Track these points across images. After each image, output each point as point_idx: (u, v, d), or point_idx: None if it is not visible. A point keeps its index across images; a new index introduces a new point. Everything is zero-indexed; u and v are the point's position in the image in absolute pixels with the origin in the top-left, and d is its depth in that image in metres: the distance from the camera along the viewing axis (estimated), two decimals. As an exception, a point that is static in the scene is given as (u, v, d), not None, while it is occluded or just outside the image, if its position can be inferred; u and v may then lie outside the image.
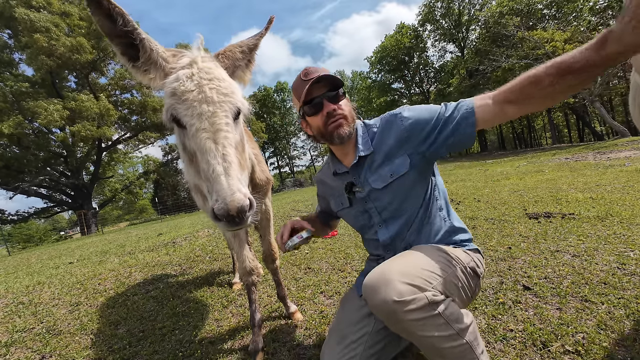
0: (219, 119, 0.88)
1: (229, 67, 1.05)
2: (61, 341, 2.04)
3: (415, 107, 1.12)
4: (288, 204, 7.40)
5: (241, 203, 0.80)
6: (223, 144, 0.87)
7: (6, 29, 19.09)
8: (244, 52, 1.08)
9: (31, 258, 7.15)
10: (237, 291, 2.50)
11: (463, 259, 1.07)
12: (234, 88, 0.96)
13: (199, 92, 0.88)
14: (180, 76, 0.91)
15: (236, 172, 0.86)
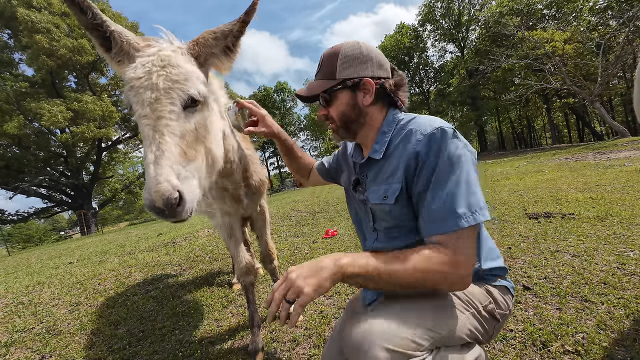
0: (162, 106, 0.86)
1: (200, 54, 1.01)
2: (61, 341, 2.04)
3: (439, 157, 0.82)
4: (288, 204, 7.40)
5: (166, 194, 0.76)
6: (162, 132, 0.84)
7: (6, 29, 19.10)
8: (218, 38, 1.02)
9: (31, 258, 7.15)
10: (237, 291, 2.50)
11: (478, 301, 0.89)
12: (191, 75, 0.93)
13: (146, 79, 0.88)
14: (137, 64, 0.91)
15: (170, 161, 0.82)
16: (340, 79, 0.96)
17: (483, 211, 0.79)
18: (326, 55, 1.00)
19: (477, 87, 27.59)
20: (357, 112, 0.99)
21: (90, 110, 18.55)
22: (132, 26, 22.58)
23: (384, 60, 0.99)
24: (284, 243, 3.76)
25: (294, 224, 4.98)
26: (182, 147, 0.88)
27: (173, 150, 0.84)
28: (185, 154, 0.88)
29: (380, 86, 0.96)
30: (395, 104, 1.01)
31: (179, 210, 0.81)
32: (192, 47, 1.01)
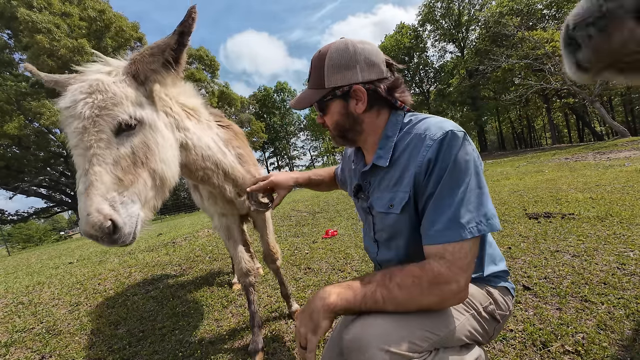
0: (89, 136, 0.86)
1: (139, 72, 0.98)
2: (61, 341, 2.04)
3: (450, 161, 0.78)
4: (288, 204, 7.40)
5: (97, 224, 0.78)
6: (91, 161, 0.84)
7: (6, 29, 19.12)
8: (154, 54, 0.99)
9: (31, 258, 7.15)
10: (237, 291, 2.50)
11: (478, 302, 0.88)
12: (120, 99, 0.91)
13: (73, 109, 0.87)
14: (66, 93, 0.91)
15: (100, 191, 0.82)
16: (329, 89, 0.91)
17: (490, 222, 0.76)
18: (314, 62, 0.94)
19: (477, 87, 27.59)
20: (352, 121, 0.94)
21: (90, 109, 18.59)
22: (132, 26, 22.60)
23: (376, 58, 0.90)
24: (284, 243, 3.76)
25: (294, 224, 4.98)
26: (117, 174, 0.87)
27: (104, 179, 0.84)
28: (121, 180, 0.88)
29: (370, 92, 0.89)
30: (395, 105, 0.94)
31: (115, 238, 0.82)
32: (129, 66, 0.99)
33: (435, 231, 0.77)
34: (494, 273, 0.94)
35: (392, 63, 0.94)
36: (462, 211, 0.75)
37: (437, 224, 0.77)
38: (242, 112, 33.77)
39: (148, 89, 1.02)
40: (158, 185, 1.00)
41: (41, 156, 20.39)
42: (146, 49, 1.01)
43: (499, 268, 0.95)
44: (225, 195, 1.48)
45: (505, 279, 0.97)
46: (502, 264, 0.98)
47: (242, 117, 32.52)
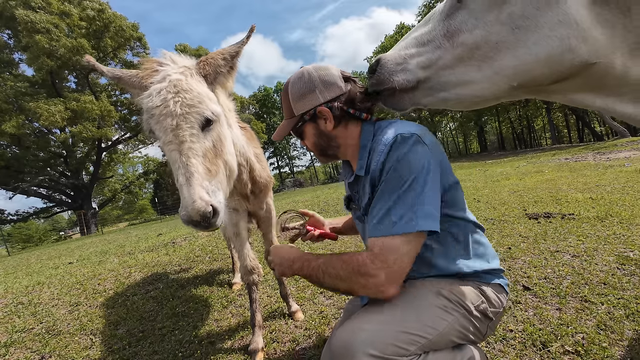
0: (183, 131, 0.94)
1: (209, 74, 1.08)
2: (61, 341, 2.04)
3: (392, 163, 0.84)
4: (288, 204, 7.40)
5: (202, 210, 0.87)
6: (187, 154, 0.92)
7: (6, 29, 19.10)
8: (226, 59, 1.11)
9: (31, 258, 7.14)
10: (237, 291, 2.50)
11: (469, 300, 0.87)
12: (203, 97, 1.00)
13: (165, 107, 0.94)
14: (151, 92, 0.97)
15: (199, 180, 0.91)
16: (298, 116, 1.01)
17: (422, 221, 0.78)
18: (282, 96, 1.06)
19: (477, 87, 27.56)
20: (326, 139, 1.03)
21: (88, 110, 18.57)
22: (132, 26, 22.59)
23: (330, 77, 0.98)
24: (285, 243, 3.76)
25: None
26: (206, 165, 0.96)
27: (200, 169, 0.93)
28: (210, 170, 0.97)
29: (333, 109, 0.97)
30: (360, 117, 1.00)
31: (213, 221, 0.91)
32: (203, 67, 1.08)
33: (372, 225, 0.84)
34: (486, 270, 0.95)
35: (350, 77, 1.02)
36: (397, 208, 0.80)
37: (374, 219, 0.83)
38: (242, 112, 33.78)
39: (214, 90, 1.11)
40: (228, 175, 1.11)
41: (41, 156, 20.38)
42: (218, 53, 1.12)
43: (491, 266, 0.96)
44: (243, 190, 1.57)
45: (498, 276, 0.98)
46: (496, 262, 0.99)
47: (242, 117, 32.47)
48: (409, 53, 0.78)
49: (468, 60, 0.71)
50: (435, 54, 0.74)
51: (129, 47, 23.53)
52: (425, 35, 0.77)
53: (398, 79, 0.77)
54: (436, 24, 0.76)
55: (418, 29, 0.81)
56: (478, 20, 0.68)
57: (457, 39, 0.71)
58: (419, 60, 0.76)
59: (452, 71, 0.73)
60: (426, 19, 0.81)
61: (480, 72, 0.70)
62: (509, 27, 0.65)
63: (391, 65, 0.79)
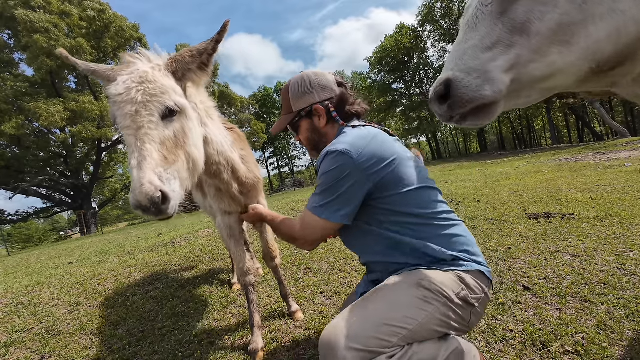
0: (141, 118, 0.97)
1: (177, 70, 1.12)
2: (61, 341, 2.04)
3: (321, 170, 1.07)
4: (288, 204, 7.40)
5: (150, 194, 0.87)
6: (143, 139, 0.95)
7: (6, 29, 19.09)
8: (194, 55, 1.14)
9: (31, 258, 7.14)
10: (237, 291, 2.50)
11: (449, 289, 0.92)
12: (167, 89, 1.04)
13: (127, 95, 0.98)
14: (118, 81, 1.02)
15: (151, 165, 0.92)
16: (296, 112, 1.19)
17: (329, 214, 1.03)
18: (282, 95, 1.24)
19: (477, 87, 27.56)
20: (318, 134, 1.21)
21: (88, 110, 18.55)
22: (132, 27, 22.58)
23: (326, 81, 1.19)
24: (284, 243, 3.76)
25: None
26: (163, 153, 0.98)
27: (154, 155, 0.94)
28: (166, 158, 0.99)
29: (327, 108, 1.17)
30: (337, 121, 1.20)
31: (163, 208, 0.91)
32: (170, 63, 1.12)
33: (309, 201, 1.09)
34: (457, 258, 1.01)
35: (342, 82, 1.23)
36: (318, 199, 1.05)
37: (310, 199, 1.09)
38: (242, 112, 33.76)
39: (183, 86, 1.15)
40: (191, 168, 1.13)
41: (41, 156, 20.36)
42: (186, 51, 1.16)
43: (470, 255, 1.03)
44: (230, 191, 1.59)
45: (479, 263, 1.02)
46: (476, 249, 1.07)
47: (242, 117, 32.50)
48: (479, 62, 0.70)
49: (547, 49, 0.66)
50: (511, 53, 0.68)
51: (129, 48, 23.51)
52: (486, 39, 0.70)
53: (488, 92, 0.68)
54: (492, 24, 0.70)
55: (468, 40, 0.73)
56: (546, 5, 0.65)
57: (530, 30, 0.66)
58: (498, 65, 0.68)
59: (536, 65, 0.68)
60: (468, 26, 0.74)
61: (562, 58, 0.66)
62: (577, 5, 0.63)
63: (468, 81, 0.69)
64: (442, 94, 0.72)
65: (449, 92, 0.70)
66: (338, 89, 1.19)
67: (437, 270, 0.97)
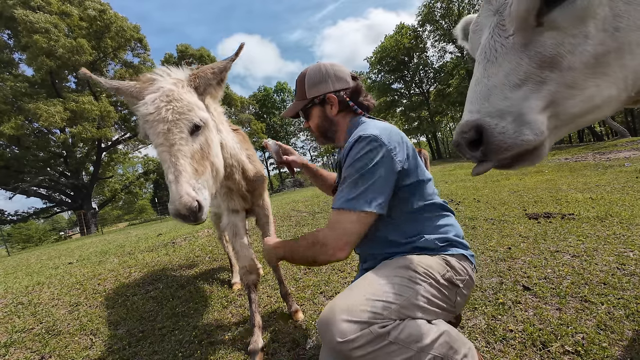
0: (173, 135, 1.06)
1: (199, 85, 1.21)
2: (61, 341, 2.04)
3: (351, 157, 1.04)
4: (288, 204, 7.40)
5: (188, 204, 0.99)
6: (176, 155, 1.04)
7: (6, 29, 19.07)
8: (215, 73, 1.23)
9: (30, 258, 7.14)
10: (237, 291, 2.50)
11: (435, 271, 1.01)
12: (192, 106, 1.12)
13: (157, 114, 1.06)
14: (147, 100, 1.09)
15: (186, 178, 1.03)
16: (309, 98, 1.23)
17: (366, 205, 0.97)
18: (297, 81, 1.28)
19: (476, 87, 27.53)
20: (329, 122, 1.25)
21: (87, 110, 18.53)
22: (133, 27, 22.58)
23: (342, 73, 1.23)
24: (284, 243, 3.76)
25: (294, 224, 4.97)
26: (194, 165, 1.08)
27: (187, 169, 1.04)
28: (196, 170, 1.09)
29: (340, 97, 1.20)
30: (355, 111, 1.24)
31: (199, 215, 1.03)
32: (193, 79, 1.20)
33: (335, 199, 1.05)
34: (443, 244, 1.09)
35: (356, 76, 1.27)
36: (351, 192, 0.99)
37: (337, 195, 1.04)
38: (242, 112, 33.77)
39: (204, 99, 1.24)
40: (214, 175, 1.22)
41: (41, 156, 20.35)
42: (207, 68, 1.25)
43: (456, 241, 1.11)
44: (240, 190, 1.68)
45: (463, 247, 1.11)
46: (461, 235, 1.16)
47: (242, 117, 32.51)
48: (511, 103, 0.63)
49: (583, 83, 0.60)
50: (544, 90, 0.62)
51: (130, 48, 23.52)
52: (512, 75, 0.63)
53: (529, 137, 0.61)
54: (516, 58, 0.63)
55: (490, 76, 0.66)
56: (575, 36, 0.58)
57: (561, 65, 0.60)
58: (532, 105, 0.62)
59: (573, 102, 0.62)
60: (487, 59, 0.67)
61: (600, 92, 0.61)
62: (610, 33, 0.57)
63: (503, 126, 0.62)
64: (474, 139, 0.65)
65: (481, 137, 0.64)
66: (352, 82, 1.24)
67: (425, 255, 1.06)
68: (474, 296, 1.78)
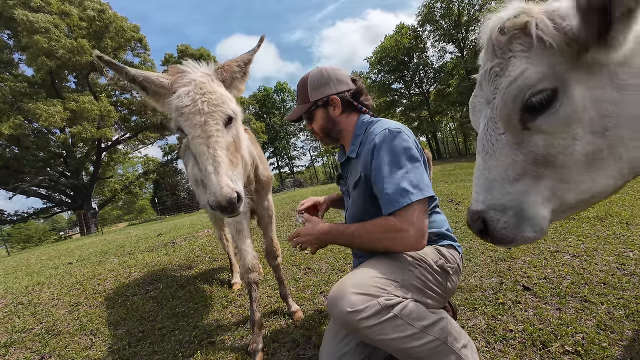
0: (210, 127, 1.05)
1: (226, 79, 1.21)
2: (60, 341, 2.04)
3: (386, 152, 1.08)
4: (288, 204, 7.40)
5: (229, 195, 0.98)
6: (214, 147, 1.04)
7: (6, 29, 19.06)
8: (240, 66, 1.26)
9: (30, 258, 7.14)
10: (237, 291, 2.50)
11: (429, 258, 1.10)
12: (225, 98, 1.13)
13: (194, 106, 1.06)
14: (180, 93, 1.09)
15: (225, 169, 1.02)
16: (313, 102, 1.27)
17: (427, 189, 1.03)
18: (300, 86, 1.32)
19: (476, 87, 27.52)
20: (332, 123, 1.29)
21: (87, 110, 18.51)
22: (133, 27, 22.57)
23: (343, 76, 1.28)
24: (284, 243, 3.76)
25: (294, 224, 4.97)
26: (229, 157, 1.08)
27: (225, 160, 1.04)
28: (232, 162, 1.09)
29: (342, 98, 1.25)
30: (360, 110, 1.29)
31: (238, 206, 1.03)
32: (221, 73, 1.21)
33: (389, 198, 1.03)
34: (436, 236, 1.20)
35: (356, 78, 1.32)
36: (406, 184, 1.02)
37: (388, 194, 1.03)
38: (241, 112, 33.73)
39: (230, 92, 1.24)
40: (244, 167, 1.23)
41: (41, 156, 20.33)
42: (233, 61, 1.26)
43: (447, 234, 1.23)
44: (250, 188, 1.68)
45: (452, 240, 1.23)
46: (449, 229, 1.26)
47: (241, 117, 32.49)
48: (511, 198, 0.66)
49: (579, 177, 0.62)
50: (541, 185, 0.64)
51: (130, 48, 23.50)
52: (510, 170, 0.66)
53: (529, 234, 0.65)
54: (512, 154, 0.65)
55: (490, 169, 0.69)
56: (565, 139, 0.60)
57: (555, 163, 0.62)
58: (532, 200, 0.64)
59: (571, 195, 0.64)
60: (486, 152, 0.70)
61: (596, 184, 0.62)
62: (599, 133, 0.59)
63: (505, 221, 0.66)
64: (481, 229, 0.71)
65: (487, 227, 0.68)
66: (352, 84, 1.29)
67: None
68: (474, 296, 1.78)
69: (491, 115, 0.67)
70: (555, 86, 0.58)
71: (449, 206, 4.46)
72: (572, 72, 0.58)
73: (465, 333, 1.04)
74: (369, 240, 1.06)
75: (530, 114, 0.61)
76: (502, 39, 0.62)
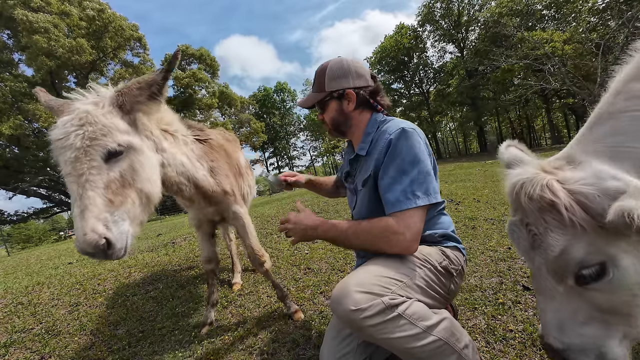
0: (81, 164, 0.94)
1: (125, 103, 1.08)
2: (60, 342, 2.04)
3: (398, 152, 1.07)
4: (288, 204, 7.40)
5: (94, 242, 0.88)
6: (84, 186, 0.93)
7: (5, 29, 19.06)
8: (142, 88, 1.10)
9: (30, 258, 7.14)
10: (237, 291, 2.50)
11: (434, 259, 1.09)
12: (109, 129, 1.00)
13: (65, 140, 0.95)
14: (57, 124, 0.99)
15: (94, 213, 0.91)
16: (328, 92, 1.22)
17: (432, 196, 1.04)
18: (318, 72, 1.26)
19: (476, 87, 27.59)
20: (344, 117, 1.25)
21: (88, 110, 18.53)
22: (132, 26, 22.58)
23: (363, 71, 1.24)
24: (284, 243, 3.76)
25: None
26: (108, 197, 0.96)
27: (97, 202, 0.93)
28: (112, 202, 0.97)
29: (358, 94, 1.21)
30: (375, 108, 1.26)
31: (109, 253, 0.93)
32: (117, 97, 1.08)
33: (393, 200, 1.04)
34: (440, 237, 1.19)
35: (375, 76, 1.29)
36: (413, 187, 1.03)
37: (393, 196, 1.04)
38: (241, 112, 33.75)
39: (132, 118, 1.12)
40: (144, 202, 1.11)
41: (41, 156, 20.35)
42: (133, 83, 1.11)
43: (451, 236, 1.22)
44: (197, 203, 1.68)
45: (457, 242, 1.22)
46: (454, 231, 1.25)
47: (242, 117, 32.50)
48: (587, 340, 0.66)
49: None
50: (613, 328, 0.65)
51: (129, 48, 23.51)
52: (578, 315, 0.66)
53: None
54: (575, 302, 0.66)
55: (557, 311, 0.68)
56: (625, 296, 0.62)
57: (621, 312, 0.63)
58: (610, 345, 0.65)
59: None
60: (541, 294, 0.70)
61: None
62: None
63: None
64: (555, 348, 0.69)
65: None
66: (371, 81, 1.25)
67: (424, 245, 1.14)
68: (474, 296, 1.78)
69: (543, 265, 0.67)
70: (602, 260, 0.59)
71: (449, 206, 4.45)
72: (615, 246, 0.59)
73: (466, 333, 1.03)
74: (363, 239, 1.05)
75: (584, 281, 0.62)
76: (533, 206, 0.64)
